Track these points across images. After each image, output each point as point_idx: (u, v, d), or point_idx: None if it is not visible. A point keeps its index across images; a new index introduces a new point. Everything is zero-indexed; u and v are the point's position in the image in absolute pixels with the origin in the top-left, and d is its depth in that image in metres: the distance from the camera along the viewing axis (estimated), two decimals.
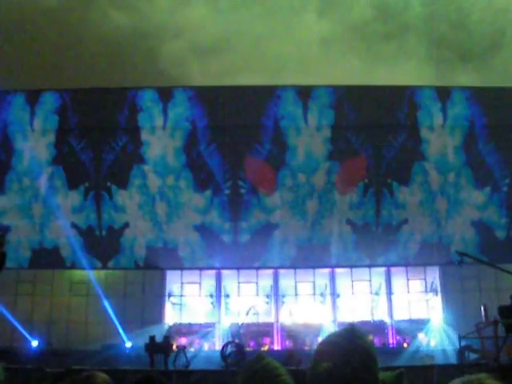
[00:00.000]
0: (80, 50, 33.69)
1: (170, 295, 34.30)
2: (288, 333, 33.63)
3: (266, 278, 34.80)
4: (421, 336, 33.29)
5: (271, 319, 34.38)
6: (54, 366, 20.16)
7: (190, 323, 33.92)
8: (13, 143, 34.47)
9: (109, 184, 34.12)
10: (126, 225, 33.90)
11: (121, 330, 31.69)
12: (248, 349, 28.54)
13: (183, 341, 32.74)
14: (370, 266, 34.48)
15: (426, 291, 34.97)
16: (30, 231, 33.81)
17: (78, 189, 34.06)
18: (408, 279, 34.92)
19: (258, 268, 34.52)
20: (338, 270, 34.72)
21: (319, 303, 34.67)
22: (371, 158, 34.13)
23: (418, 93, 35.04)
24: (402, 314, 34.55)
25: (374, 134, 34.08)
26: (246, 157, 34.17)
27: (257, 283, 34.80)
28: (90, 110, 34.46)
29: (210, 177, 34.32)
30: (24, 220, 33.82)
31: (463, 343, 22.30)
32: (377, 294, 34.86)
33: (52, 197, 33.22)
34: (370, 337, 32.32)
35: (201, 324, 33.71)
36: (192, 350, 32.08)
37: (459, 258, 16.15)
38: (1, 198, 34.18)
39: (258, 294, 34.74)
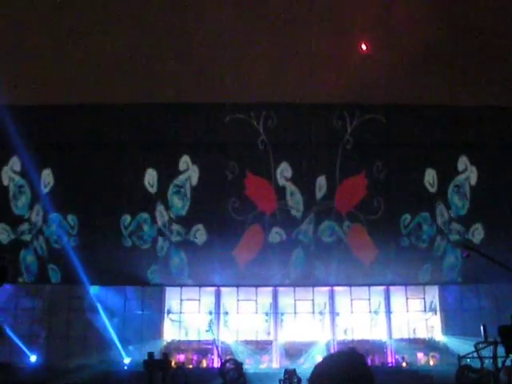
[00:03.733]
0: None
1: (169, 312, 34.27)
2: (287, 351, 33.53)
3: (265, 296, 34.79)
4: (420, 355, 33.23)
5: (270, 337, 34.33)
6: (53, 381, 20.17)
7: (188, 340, 33.88)
8: None
9: None
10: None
11: (119, 346, 31.65)
12: (246, 366, 28.45)
13: (182, 358, 32.72)
14: (368, 285, 34.45)
15: (425, 310, 34.94)
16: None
17: None
18: (407, 298, 34.90)
19: (257, 286, 34.48)
20: (337, 289, 34.69)
21: (318, 321, 34.62)
22: (371, 177, 34.04)
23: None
24: (401, 333, 34.52)
25: (377, 153, 34.04)
26: (246, 173, 34.13)
27: (256, 301, 34.77)
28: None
29: None
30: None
31: (462, 363, 22.27)
32: (376, 312, 34.82)
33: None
34: (368, 359, 32.34)
35: (200, 341, 33.63)
36: (190, 366, 32.05)
37: (464, 252, 16.05)
38: None
39: (257, 312, 34.70)
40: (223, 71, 33.65)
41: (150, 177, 33.72)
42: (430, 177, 33.96)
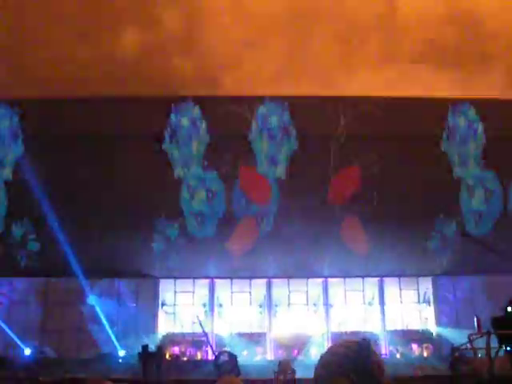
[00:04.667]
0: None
1: (163, 304, 34.26)
2: (281, 343, 33.57)
3: (259, 288, 34.80)
4: (414, 346, 33.34)
5: (264, 329, 34.35)
6: (47, 374, 20.14)
7: (183, 333, 33.86)
8: None
9: None
10: None
11: (114, 339, 31.66)
12: (240, 359, 28.43)
13: (176, 350, 32.74)
14: (363, 277, 34.53)
15: (418, 302, 35.04)
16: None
17: None
18: (401, 289, 34.98)
19: (251, 277, 34.51)
20: (331, 280, 34.73)
21: (312, 313, 34.66)
22: (365, 170, 34.09)
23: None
24: (394, 324, 34.61)
25: (371, 145, 34.05)
26: (240, 166, 34.16)
27: (250, 293, 34.80)
28: None
29: None
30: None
31: (456, 354, 22.35)
32: (370, 304, 34.88)
33: None
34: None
35: (194, 333, 33.61)
36: (185, 359, 32.07)
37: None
38: None
39: (251, 304, 34.74)
40: (221, 65, 33.85)
41: (145, 169, 33.73)
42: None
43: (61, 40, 32.92)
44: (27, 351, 31.04)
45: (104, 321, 32.15)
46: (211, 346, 29.58)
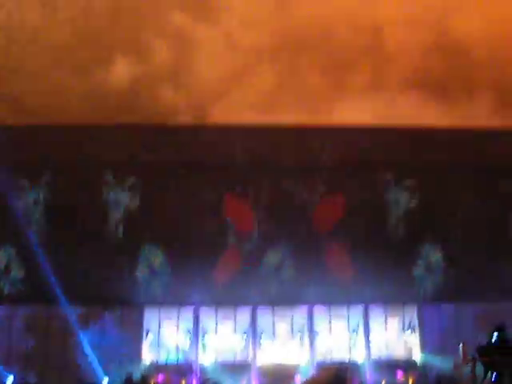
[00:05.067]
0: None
1: (147, 332, 33.97)
2: (265, 371, 33.33)
3: (244, 316, 34.63)
4: (399, 374, 33.24)
5: (249, 358, 34.12)
6: None
7: (167, 360, 33.57)
8: None
9: None
10: None
11: (98, 367, 31.37)
12: None
13: (161, 378, 32.42)
14: (347, 304, 34.47)
15: (403, 329, 35.00)
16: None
17: None
18: (386, 317, 34.95)
19: (235, 305, 34.36)
20: (316, 308, 34.64)
21: (297, 341, 34.51)
22: (348, 198, 34.31)
23: None
24: (379, 351, 34.52)
25: (354, 174, 34.31)
26: (225, 194, 34.28)
27: (235, 320, 34.62)
28: None
29: None
30: None
31: (441, 381, 22.41)
32: (354, 331, 34.80)
33: None
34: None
35: (178, 361, 33.35)
36: None
37: None
38: None
39: (235, 331, 34.55)
40: (209, 95, 34.22)
41: (129, 197, 33.80)
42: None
43: (51, 70, 33.23)
44: (10, 379, 30.68)
45: (88, 348, 31.88)
46: (196, 375, 29.42)
